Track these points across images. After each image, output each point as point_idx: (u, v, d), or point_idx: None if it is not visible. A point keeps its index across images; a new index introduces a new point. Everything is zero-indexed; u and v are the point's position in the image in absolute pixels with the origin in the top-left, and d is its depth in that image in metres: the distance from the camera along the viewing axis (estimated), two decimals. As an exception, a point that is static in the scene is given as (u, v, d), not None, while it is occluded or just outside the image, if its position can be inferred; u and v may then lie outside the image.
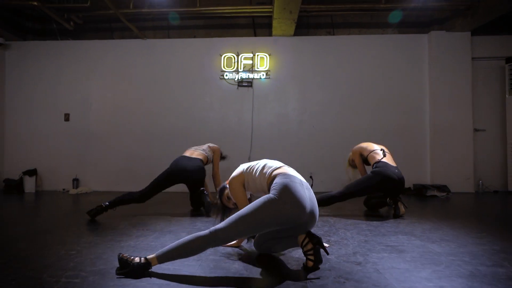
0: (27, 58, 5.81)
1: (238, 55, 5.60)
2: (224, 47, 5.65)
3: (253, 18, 5.76)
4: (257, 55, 5.58)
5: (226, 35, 5.76)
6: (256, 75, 5.58)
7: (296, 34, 5.55)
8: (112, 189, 5.54)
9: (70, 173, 5.61)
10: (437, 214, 3.56)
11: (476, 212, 3.95)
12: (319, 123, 5.57)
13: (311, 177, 5.45)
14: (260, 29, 5.80)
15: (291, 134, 5.54)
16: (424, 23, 5.60)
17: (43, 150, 5.73)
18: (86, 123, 5.73)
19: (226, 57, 5.62)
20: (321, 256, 1.85)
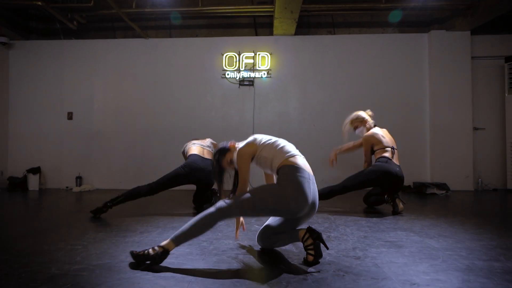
0: (30, 57, 5.87)
1: (239, 54, 5.64)
2: (226, 46, 5.69)
3: (254, 18, 5.81)
4: (259, 54, 5.63)
5: (227, 34, 5.81)
6: (257, 74, 5.63)
7: (297, 34, 5.60)
8: (115, 187, 5.59)
9: (73, 171, 5.67)
10: (436, 211, 3.61)
11: (475, 209, 3.99)
12: (319, 122, 5.61)
13: (311, 175, 5.49)
14: (261, 28, 5.84)
15: (292, 133, 5.59)
16: (424, 22, 5.64)
17: (46, 149, 5.79)
18: (89, 121, 5.79)
19: (227, 56, 5.67)
20: (321, 251, 1.91)
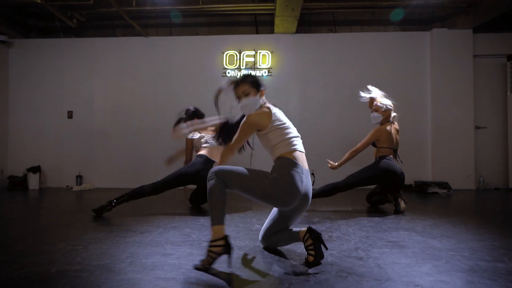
0: (30, 55, 5.85)
1: (240, 53, 5.61)
2: (226, 45, 5.67)
3: (255, 16, 5.78)
4: (259, 52, 5.60)
5: (228, 32, 5.78)
6: (258, 73, 5.60)
7: (298, 32, 5.57)
8: (115, 186, 5.58)
9: (73, 170, 5.65)
10: (438, 210, 3.59)
11: (477, 209, 3.97)
12: (320, 120, 5.59)
13: (312, 174, 5.46)
14: (262, 26, 5.81)
15: (292, 131, 5.55)
16: (426, 20, 5.61)
17: (46, 147, 5.77)
18: (89, 120, 5.77)
19: (228, 54, 5.64)
20: (322, 251, 1.89)
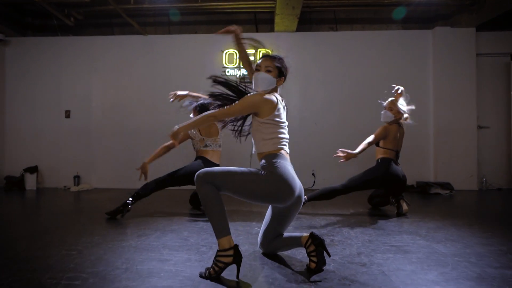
0: (27, 54, 5.77)
1: (239, 51, 5.53)
2: (226, 43, 5.57)
3: (255, 14, 5.70)
4: (259, 51, 5.51)
5: (227, 31, 5.69)
6: (258, 72, 5.52)
7: (299, 30, 5.49)
8: (114, 186, 5.51)
9: (71, 170, 5.58)
10: (441, 212, 3.52)
11: (481, 210, 3.91)
12: (321, 120, 5.52)
13: (313, 174, 5.42)
14: (262, 25, 5.74)
15: (292, 131, 5.39)
16: (429, 18, 5.52)
17: (44, 147, 5.70)
18: (87, 120, 5.70)
19: (228, 53, 5.56)
20: (324, 258, 1.82)
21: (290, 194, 1.83)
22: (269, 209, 2.09)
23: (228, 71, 5.54)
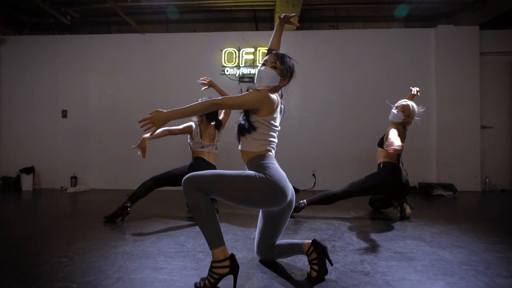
0: (23, 53, 5.67)
1: (239, 50, 5.45)
2: (225, 42, 5.49)
3: (254, 12, 5.60)
4: (259, 50, 5.43)
5: (226, 29, 5.60)
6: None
7: (299, 28, 5.38)
8: (111, 187, 5.43)
9: (68, 170, 5.50)
10: (445, 215, 3.44)
11: (485, 213, 3.82)
12: (321, 120, 5.43)
13: (313, 175, 5.33)
14: (261, 23, 5.64)
15: (292, 131, 5.40)
16: (431, 17, 5.43)
17: (40, 148, 5.62)
18: (84, 119, 5.61)
19: (227, 52, 5.47)
20: (326, 266, 1.74)
21: (284, 196, 1.76)
22: (260, 216, 2.01)
23: (227, 70, 5.45)
